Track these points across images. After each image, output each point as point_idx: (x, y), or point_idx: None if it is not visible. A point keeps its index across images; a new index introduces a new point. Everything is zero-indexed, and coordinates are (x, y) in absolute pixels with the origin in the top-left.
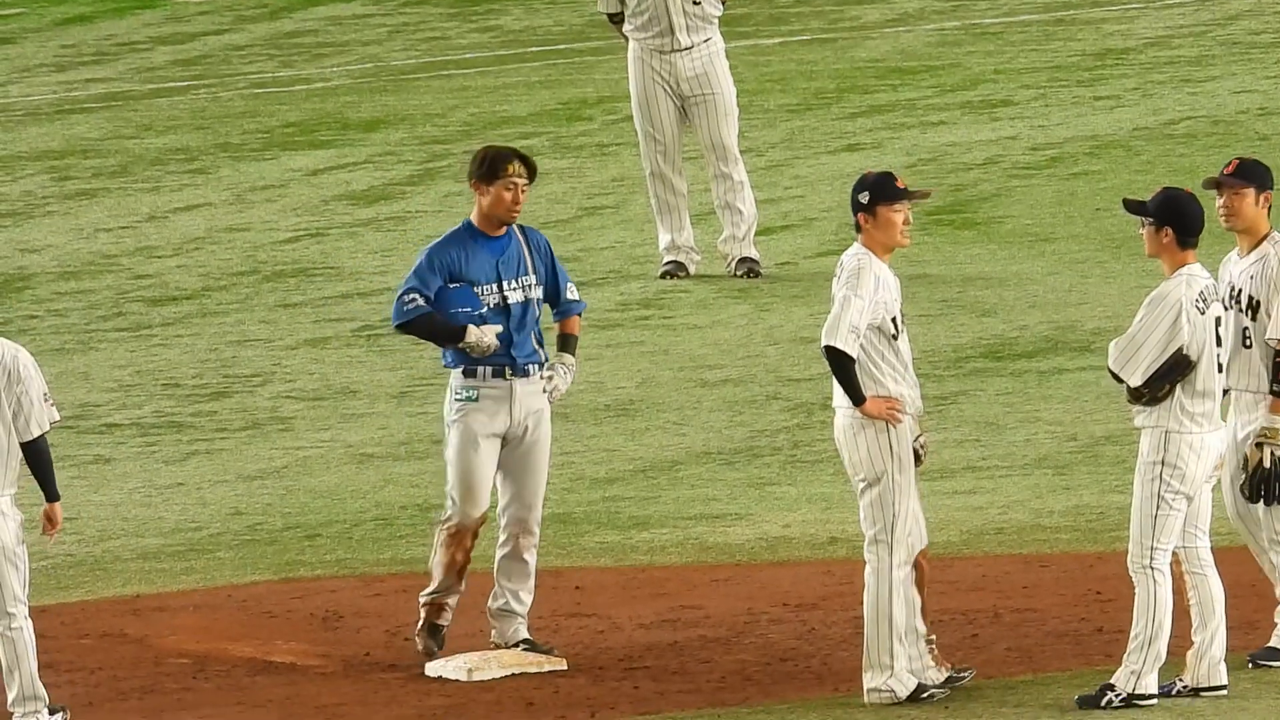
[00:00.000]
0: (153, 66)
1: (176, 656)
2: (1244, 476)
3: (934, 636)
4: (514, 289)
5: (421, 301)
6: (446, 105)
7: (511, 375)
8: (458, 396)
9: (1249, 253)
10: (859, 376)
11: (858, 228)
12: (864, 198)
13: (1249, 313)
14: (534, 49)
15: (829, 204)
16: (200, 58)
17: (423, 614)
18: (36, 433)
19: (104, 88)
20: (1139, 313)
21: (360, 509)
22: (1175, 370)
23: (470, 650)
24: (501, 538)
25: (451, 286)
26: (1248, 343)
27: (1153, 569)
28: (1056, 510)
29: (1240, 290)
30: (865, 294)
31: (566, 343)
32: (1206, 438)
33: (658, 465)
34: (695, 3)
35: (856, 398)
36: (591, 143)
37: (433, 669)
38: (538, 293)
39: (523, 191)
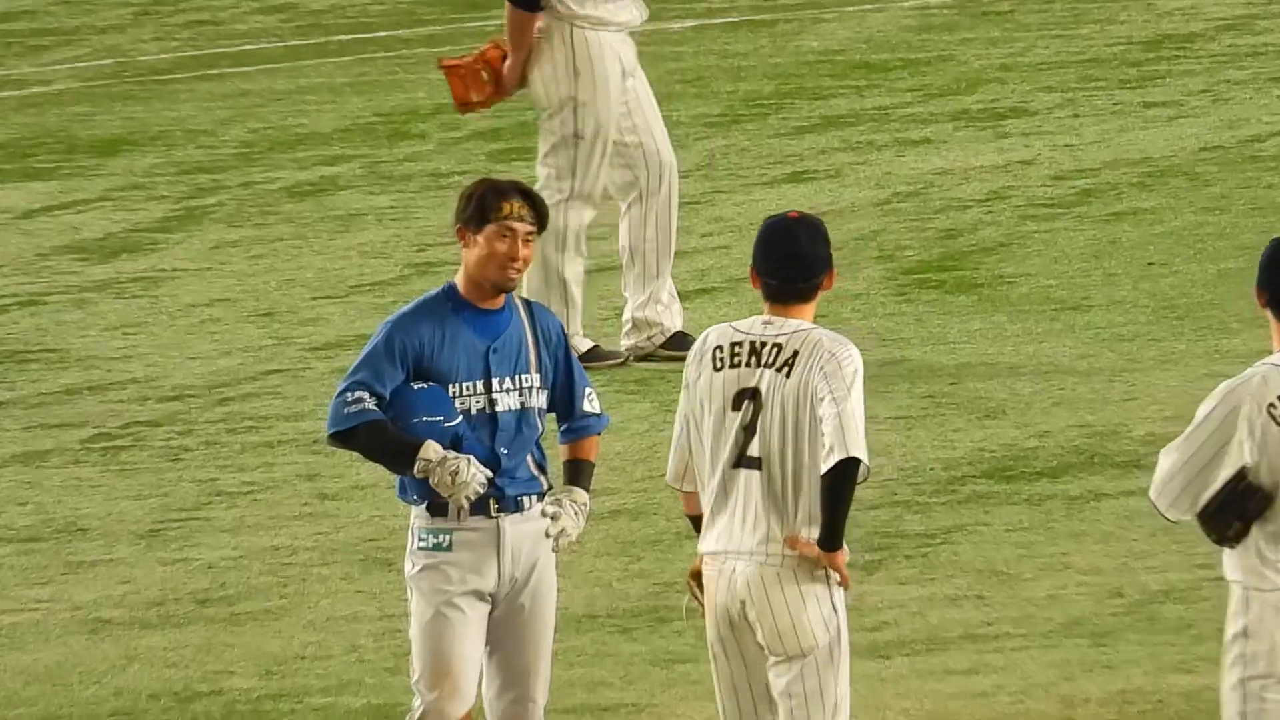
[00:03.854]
0: None
1: None
2: None
3: None
4: (508, 391)
5: (370, 402)
6: (217, 118)
7: (499, 511)
8: (422, 543)
9: None
10: None
11: (817, 291)
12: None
13: None
14: (342, 37)
15: None
16: None
17: None
18: None
19: None
20: (1198, 411)
21: (94, 698)
22: (1239, 502)
23: None
24: None
25: (415, 386)
26: None
27: None
28: (1094, 697)
29: None
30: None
31: (579, 473)
32: None
33: None
34: None
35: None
36: (424, 170)
37: None
38: (540, 399)
39: (525, 242)
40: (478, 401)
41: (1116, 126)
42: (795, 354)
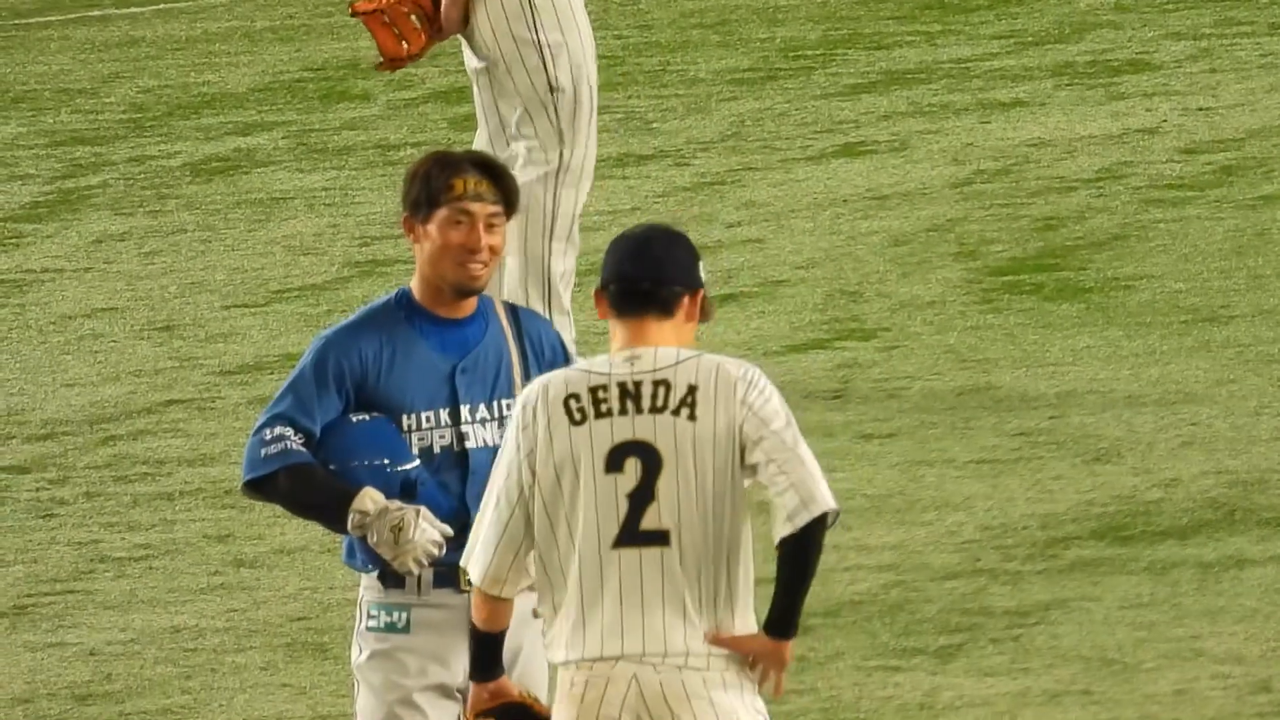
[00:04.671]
0: None
1: None
2: None
3: None
4: (483, 422)
5: (294, 440)
6: (98, 74)
7: (471, 584)
8: (372, 622)
9: None
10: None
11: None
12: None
13: None
14: None
15: (811, 254)
16: None
17: None
18: None
19: None
20: None
21: None
22: None
23: None
24: None
25: (355, 419)
26: None
27: None
28: None
29: None
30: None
31: None
32: None
33: None
34: None
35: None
36: (367, 141)
37: None
38: None
39: (489, 227)
40: (442, 437)
41: (1265, 85)
42: (692, 389)
